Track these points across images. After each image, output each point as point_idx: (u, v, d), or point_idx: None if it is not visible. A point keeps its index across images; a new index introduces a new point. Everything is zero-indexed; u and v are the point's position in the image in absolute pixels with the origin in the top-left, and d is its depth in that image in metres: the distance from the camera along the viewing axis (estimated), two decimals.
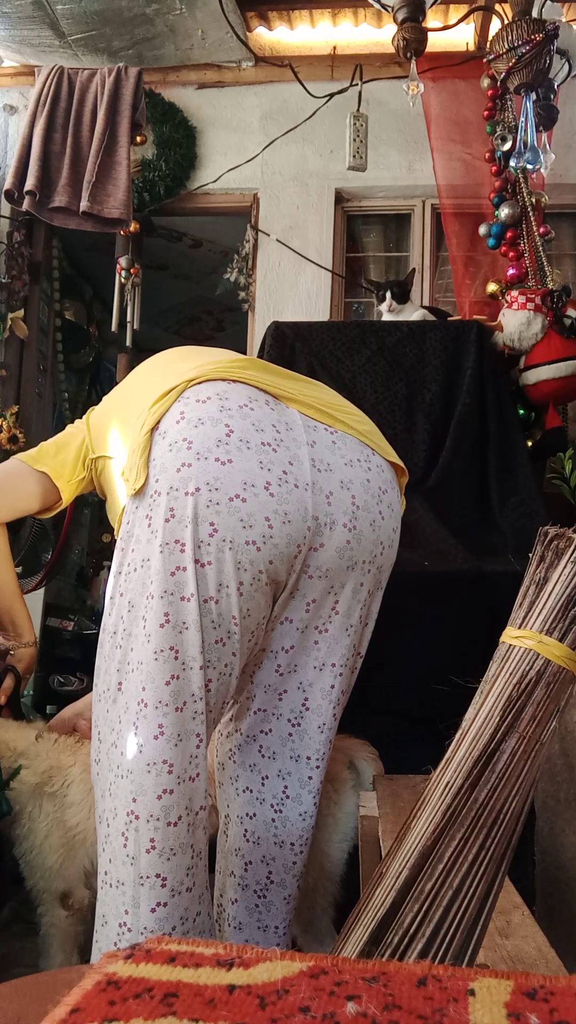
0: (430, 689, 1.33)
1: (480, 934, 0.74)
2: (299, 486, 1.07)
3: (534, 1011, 0.41)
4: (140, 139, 3.42)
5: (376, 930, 0.76)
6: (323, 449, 1.12)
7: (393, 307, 2.69)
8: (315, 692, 1.20)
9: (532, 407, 2.65)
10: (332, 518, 1.09)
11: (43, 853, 1.41)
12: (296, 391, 1.17)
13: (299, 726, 1.20)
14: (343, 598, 1.17)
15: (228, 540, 1.02)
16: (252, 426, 1.06)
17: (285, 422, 1.11)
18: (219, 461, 1.03)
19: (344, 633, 1.19)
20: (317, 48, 3.61)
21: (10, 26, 3.29)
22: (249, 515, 1.03)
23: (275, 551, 1.05)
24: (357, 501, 1.12)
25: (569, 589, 0.79)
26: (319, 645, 1.19)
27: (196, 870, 1.03)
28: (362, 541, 1.13)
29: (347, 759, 1.55)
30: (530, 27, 2.63)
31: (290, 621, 1.17)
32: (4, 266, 3.63)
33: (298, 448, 1.09)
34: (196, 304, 5.18)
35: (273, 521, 1.04)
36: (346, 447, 1.15)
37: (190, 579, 1.02)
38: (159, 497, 1.04)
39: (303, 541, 1.08)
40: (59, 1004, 0.42)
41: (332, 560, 1.12)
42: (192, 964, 0.46)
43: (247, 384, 1.12)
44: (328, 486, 1.09)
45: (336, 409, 1.19)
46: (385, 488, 1.18)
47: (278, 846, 1.21)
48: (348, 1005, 0.41)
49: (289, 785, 1.21)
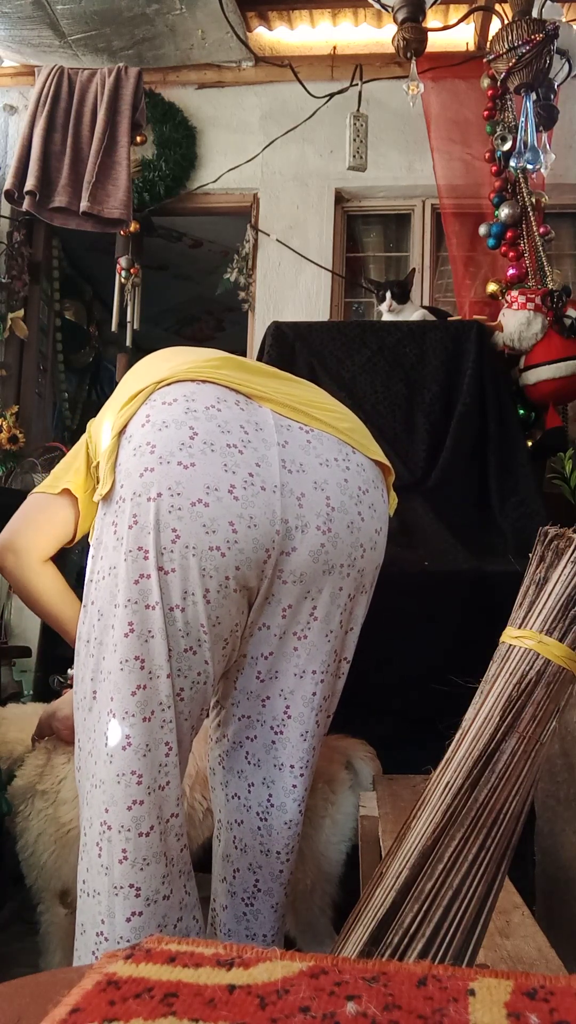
0: (430, 689, 1.33)
1: (480, 934, 0.74)
2: (266, 488, 1.03)
3: (534, 1011, 0.41)
4: (140, 139, 3.42)
5: (376, 930, 0.76)
6: (296, 449, 1.08)
7: (393, 307, 2.68)
8: (296, 699, 1.17)
9: (532, 407, 2.65)
10: (304, 521, 1.06)
11: (37, 851, 1.41)
12: (270, 389, 1.13)
13: (282, 734, 1.18)
14: (321, 603, 1.13)
15: (191, 546, 1.00)
16: (218, 428, 1.03)
17: (255, 422, 1.07)
18: (181, 465, 1.00)
19: (324, 639, 1.15)
20: (317, 48, 3.61)
21: (10, 26, 3.29)
22: (212, 520, 1.00)
23: (241, 556, 1.02)
24: (332, 502, 1.08)
25: (569, 589, 0.79)
26: (298, 652, 1.15)
27: (172, 877, 1.03)
28: (338, 544, 1.09)
29: (345, 759, 1.55)
30: (530, 27, 2.63)
31: (267, 627, 1.14)
32: (4, 266, 3.63)
33: (267, 449, 1.05)
34: (196, 304, 5.18)
35: (238, 525, 1.01)
36: (322, 446, 1.11)
37: (154, 587, 1.00)
38: (123, 503, 1.03)
39: (271, 545, 1.04)
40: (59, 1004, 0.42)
41: (306, 564, 1.08)
42: (192, 964, 0.46)
43: (217, 384, 1.09)
44: (300, 487, 1.06)
45: (314, 407, 1.15)
46: (366, 488, 1.13)
47: (264, 854, 1.19)
48: (348, 1005, 0.41)
49: (274, 794, 1.19)
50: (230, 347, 1.36)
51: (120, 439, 1.07)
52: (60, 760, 1.47)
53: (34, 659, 2.71)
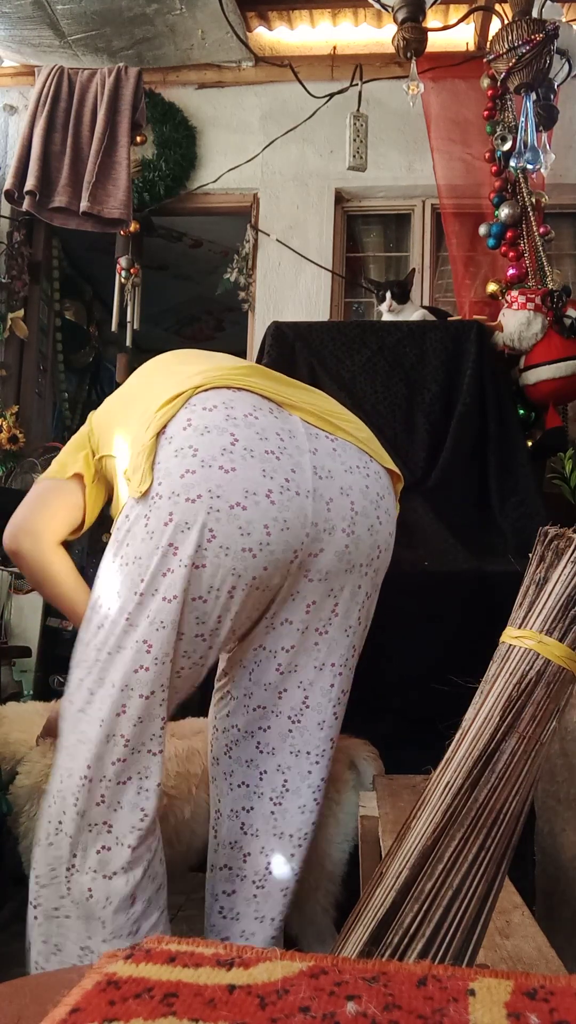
0: (430, 689, 1.33)
1: (480, 934, 0.74)
2: (300, 493, 1.10)
3: (534, 1011, 0.41)
4: (140, 139, 3.42)
5: (376, 930, 0.76)
6: (324, 456, 1.15)
7: (393, 307, 2.68)
8: (315, 691, 1.23)
9: (532, 407, 2.64)
10: (331, 524, 1.13)
11: None
12: (298, 399, 1.20)
13: (299, 723, 1.24)
14: (342, 600, 1.20)
15: (225, 547, 1.06)
16: (256, 435, 1.09)
17: (288, 430, 1.14)
18: (223, 469, 1.06)
19: (343, 634, 1.23)
20: (317, 48, 3.61)
21: (10, 26, 3.29)
22: (248, 523, 1.06)
23: (271, 558, 1.09)
24: (356, 507, 1.16)
25: (569, 589, 0.79)
26: (319, 646, 1.22)
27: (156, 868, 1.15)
28: (360, 545, 1.17)
29: (348, 759, 1.55)
30: (530, 27, 2.63)
31: (290, 622, 1.20)
32: (4, 266, 3.63)
33: (301, 456, 1.12)
34: (196, 304, 5.18)
35: (271, 528, 1.07)
36: (346, 454, 1.18)
37: (178, 581, 1.06)
38: (160, 500, 1.07)
39: (300, 547, 1.11)
40: (59, 1004, 0.42)
41: (332, 564, 1.15)
42: (192, 964, 0.46)
43: (252, 392, 1.15)
44: (329, 492, 1.13)
45: (336, 417, 1.23)
46: (383, 494, 1.22)
47: (277, 837, 1.24)
48: (348, 1005, 0.41)
49: (289, 779, 1.24)
50: (230, 347, 1.37)
51: (159, 439, 1.11)
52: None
53: (34, 659, 2.71)
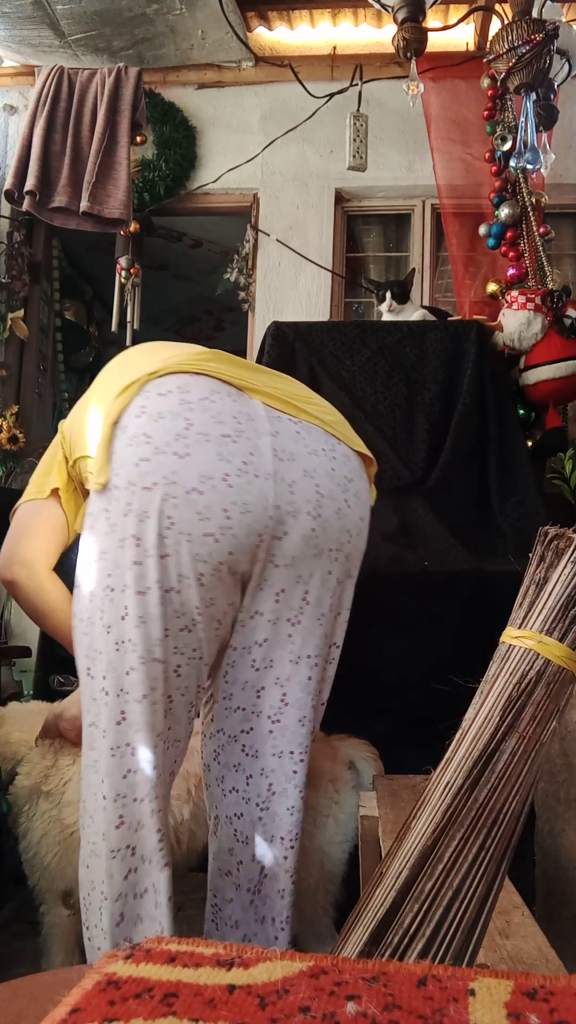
0: (430, 689, 1.33)
1: (480, 934, 0.74)
2: (260, 476, 1.08)
3: (534, 1011, 0.41)
4: (140, 139, 3.42)
5: (376, 930, 0.76)
6: (287, 438, 1.13)
7: (393, 307, 2.68)
8: (293, 686, 1.21)
9: (532, 407, 2.65)
10: (296, 506, 1.11)
11: (40, 852, 1.41)
12: (260, 382, 1.18)
13: (279, 722, 1.21)
14: (312, 587, 1.18)
15: (186, 533, 1.04)
16: (212, 418, 1.08)
17: (247, 413, 1.12)
18: (177, 455, 1.04)
19: (317, 623, 1.20)
20: (317, 48, 3.61)
21: (10, 26, 3.29)
22: (207, 507, 1.04)
23: (234, 542, 1.07)
24: (321, 489, 1.14)
25: (569, 589, 0.79)
26: (293, 638, 1.19)
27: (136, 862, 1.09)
28: (328, 529, 1.15)
29: (348, 759, 1.55)
30: (530, 27, 2.63)
31: (261, 614, 1.18)
32: (4, 266, 3.63)
33: (260, 438, 1.10)
34: (196, 304, 5.18)
35: (231, 512, 1.06)
36: (310, 436, 1.16)
37: (148, 572, 1.05)
38: (117, 491, 1.06)
39: (264, 530, 1.09)
40: (59, 1004, 0.42)
41: (297, 548, 1.13)
42: (192, 964, 0.46)
43: (210, 376, 1.13)
44: (291, 475, 1.11)
45: (300, 400, 1.21)
46: (351, 477, 1.19)
47: (268, 842, 1.22)
48: (348, 1005, 0.41)
49: (274, 782, 1.22)
50: (230, 347, 1.37)
51: (115, 429, 1.09)
52: (66, 761, 1.46)
53: (34, 659, 2.71)
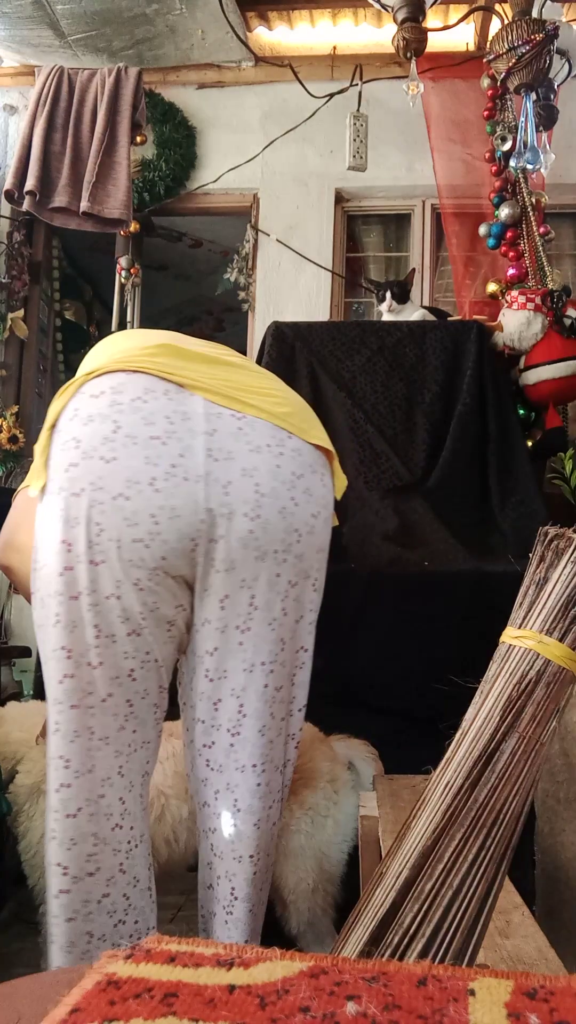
0: (430, 689, 1.33)
1: (480, 934, 0.74)
2: (189, 478, 1.04)
3: (534, 1011, 0.41)
4: (140, 139, 3.42)
5: (376, 930, 0.76)
6: (225, 436, 1.08)
7: (393, 307, 2.68)
8: (249, 696, 1.15)
9: (532, 407, 2.65)
10: (230, 508, 1.06)
11: (40, 852, 1.41)
12: (205, 376, 1.13)
13: (239, 735, 1.16)
14: (259, 592, 1.12)
15: (115, 539, 1.03)
16: (142, 420, 1.05)
17: (182, 412, 1.07)
18: (103, 459, 1.02)
19: (268, 629, 1.14)
20: (317, 48, 3.61)
21: (10, 26, 3.29)
22: (134, 513, 1.02)
23: (165, 547, 1.04)
24: (261, 488, 1.08)
25: (569, 589, 0.79)
26: (244, 646, 1.14)
27: (99, 855, 1.08)
28: (269, 530, 1.09)
29: (347, 759, 1.55)
30: (530, 27, 2.63)
31: (209, 622, 1.14)
32: (4, 266, 3.63)
33: (192, 439, 1.06)
34: (196, 304, 5.18)
35: (159, 517, 1.03)
36: (254, 432, 1.10)
37: (80, 578, 1.04)
38: (51, 496, 1.06)
39: (196, 534, 1.06)
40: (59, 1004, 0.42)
41: (236, 552, 1.08)
42: (192, 964, 0.46)
43: (148, 374, 1.09)
44: (227, 475, 1.06)
45: (249, 392, 1.14)
46: (301, 472, 1.13)
47: (237, 861, 1.18)
48: (348, 1005, 0.41)
49: (239, 798, 1.17)
50: (230, 347, 1.36)
51: (52, 433, 1.08)
52: None
53: (34, 659, 2.71)
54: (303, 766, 1.46)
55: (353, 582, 1.93)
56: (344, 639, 1.89)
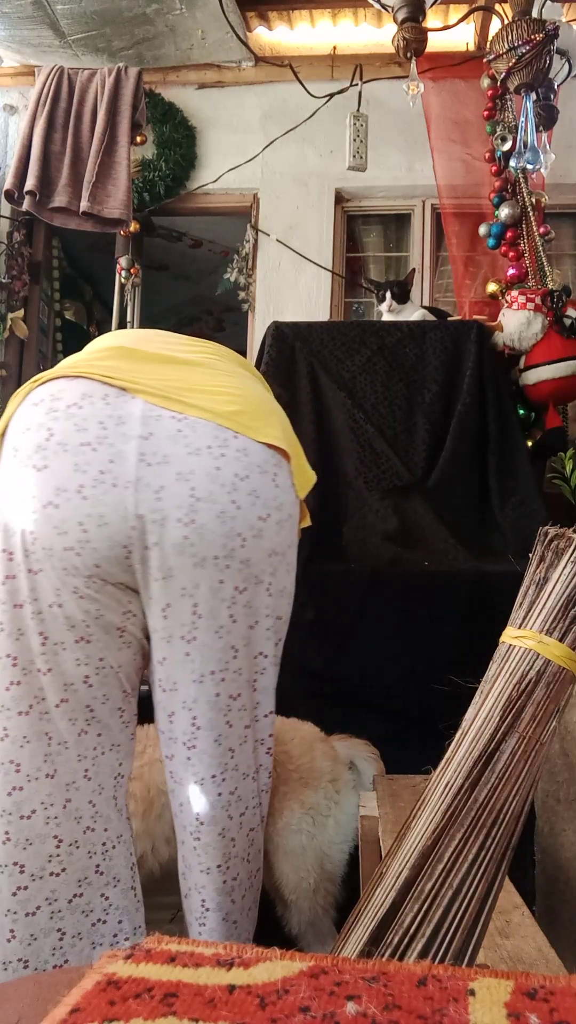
0: (430, 689, 1.33)
1: (480, 934, 0.74)
2: (118, 485, 1.02)
3: (534, 1011, 0.41)
4: (140, 139, 3.42)
5: (376, 930, 0.76)
6: (161, 440, 1.04)
7: (393, 307, 2.69)
8: (201, 707, 1.12)
9: (532, 407, 2.65)
10: (162, 514, 1.03)
11: None
12: (151, 377, 1.09)
13: (195, 747, 1.13)
14: (202, 600, 1.07)
15: (48, 548, 1.03)
16: (75, 427, 1.03)
17: (118, 416, 1.04)
18: (35, 468, 1.02)
19: (215, 637, 1.09)
20: (317, 48, 3.61)
21: (10, 26, 3.29)
22: (63, 521, 1.01)
23: (97, 555, 1.03)
24: (197, 492, 1.04)
25: (569, 589, 0.79)
26: (191, 656, 1.10)
27: (65, 857, 1.08)
28: (205, 535, 1.04)
29: (348, 759, 1.55)
30: (530, 27, 2.63)
31: (155, 631, 1.11)
32: (4, 266, 3.63)
33: (125, 444, 1.03)
34: (196, 304, 5.18)
35: (87, 525, 1.02)
36: (195, 434, 1.06)
37: (21, 587, 1.04)
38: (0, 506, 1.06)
39: (128, 542, 1.03)
40: (59, 1004, 0.42)
41: (172, 559, 1.05)
42: (192, 964, 0.46)
43: (90, 379, 1.08)
44: (159, 480, 1.03)
45: (194, 392, 1.10)
46: (245, 474, 1.07)
47: (204, 873, 1.16)
48: (348, 1005, 0.41)
49: (200, 811, 1.15)
50: (230, 347, 1.36)
51: (2, 441, 1.09)
52: None
53: None
54: (304, 766, 1.46)
55: (353, 582, 1.93)
56: (344, 639, 1.89)
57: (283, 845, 1.39)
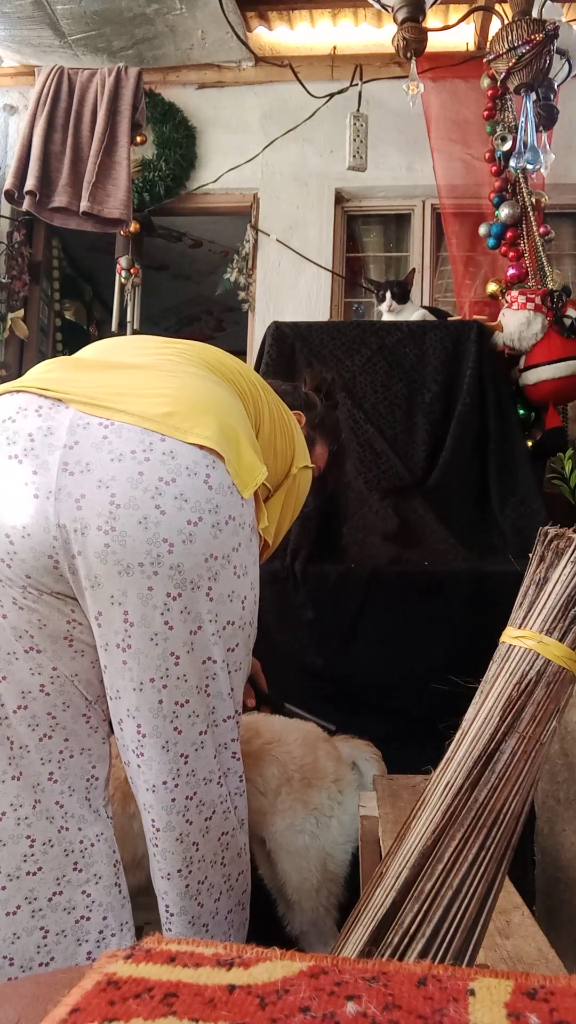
0: (430, 689, 1.33)
1: (480, 934, 0.74)
2: (40, 495, 1.01)
3: (534, 1011, 0.41)
4: (140, 139, 3.42)
5: (376, 930, 0.76)
6: (86, 448, 1.03)
7: (393, 307, 2.69)
8: (144, 714, 1.09)
9: (532, 407, 2.65)
10: (84, 523, 1.01)
11: None
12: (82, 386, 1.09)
13: (143, 755, 1.11)
14: (131, 607, 1.04)
15: None
16: (5, 440, 1.04)
17: (48, 427, 1.04)
18: None
19: (151, 644, 1.06)
20: (317, 48, 3.61)
21: (10, 26, 3.29)
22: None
23: (25, 566, 1.04)
24: (118, 499, 1.01)
25: (569, 589, 0.79)
26: (128, 664, 1.08)
27: (40, 856, 1.11)
28: (127, 543, 1.01)
29: (350, 759, 1.55)
30: (530, 27, 2.63)
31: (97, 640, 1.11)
32: (4, 266, 3.63)
33: (49, 454, 1.02)
34: (196, 304, 5.18)
35: (13, 536, 1.03)
36: (120, 440, 1.03)
37: None
38: None
39: (52, 552, 1.03)
40: (59, 1004, 0.42)
41: (96, 567, 1.03)
42: (192, 964, 0.46)
43: (28, 392, 1.08)
44: (80, 489, 1.01)
45: (124, 396, 1.08)
46: (171, 477, 1.03)
47: (165, 879, 1.15)
48: (348, 1005, 0.41)
49: (156, 818, 1.13)
50: (230, 347, 1.36)
51: None
52: None
53: None
54: (308, 766, 1.46)
55: (353, 582, 1.93)
56: (344, 639, 1.89)
57: (286, 845, 1.39)
